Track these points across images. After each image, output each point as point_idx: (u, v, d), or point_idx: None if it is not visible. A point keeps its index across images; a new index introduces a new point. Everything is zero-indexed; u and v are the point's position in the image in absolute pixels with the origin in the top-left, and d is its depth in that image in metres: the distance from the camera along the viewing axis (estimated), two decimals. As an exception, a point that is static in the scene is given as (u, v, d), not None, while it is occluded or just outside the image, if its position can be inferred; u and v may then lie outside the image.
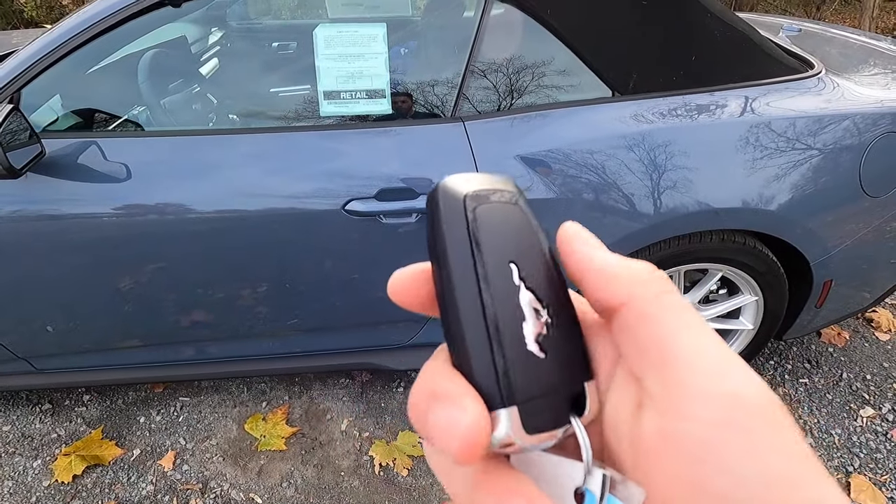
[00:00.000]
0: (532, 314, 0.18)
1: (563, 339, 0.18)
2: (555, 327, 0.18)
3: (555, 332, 0.18)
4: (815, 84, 1.34)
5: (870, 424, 1.62)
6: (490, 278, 0.18)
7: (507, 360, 0.17)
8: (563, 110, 1.27)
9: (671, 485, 0.16)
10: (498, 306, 0.17)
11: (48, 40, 1.19)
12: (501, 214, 0.19)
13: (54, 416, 1.69)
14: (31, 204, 1.20)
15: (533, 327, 0.18)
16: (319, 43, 1.22)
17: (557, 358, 0.18)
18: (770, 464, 0.14)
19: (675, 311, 0.17)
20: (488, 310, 0.17)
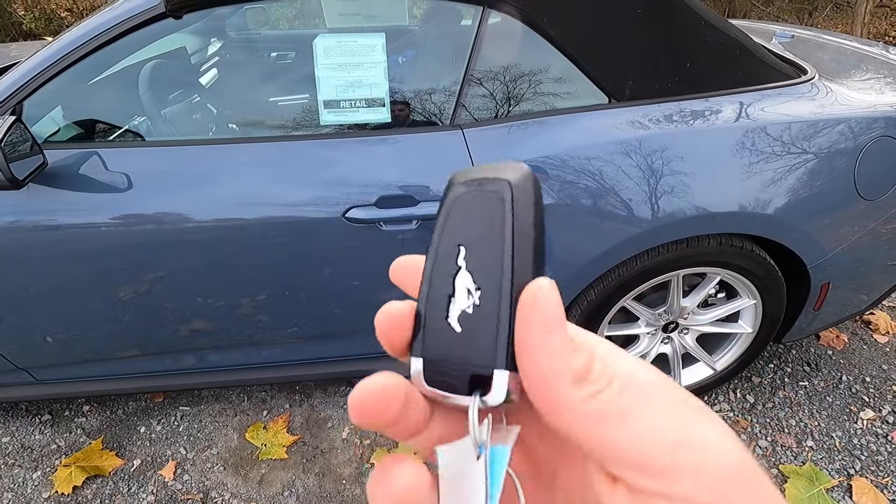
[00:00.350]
0: (464, 293, 0.20)
1: (483, 324, 0.19)
2: (480, 311, 0.19)
3: (477, 315, 0.19)
4: (809, 89, 1.36)
5: (870, 427, 1.63)
6: (439, 255, 0.20)
7: (427, 323, 0.20)
8: (560, 117, 1.28)
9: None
10: (437, 279, 0.20)
11: (50, 52, 1.20)
12: (474, 202, 0.20)
13: (54, 426, 1.68)
14: (32, 214, 1.20)
15: (459, 305, 0.19)
16: (319, 53, 1.23)
17: (470, 337, 0.19)
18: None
19: (611, 412, 0.17)
20: (431, 280, 0.20)
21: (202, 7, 1.21)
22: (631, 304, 1.50)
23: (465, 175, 0.21)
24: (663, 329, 1.59)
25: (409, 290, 0.22)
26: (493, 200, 0.20)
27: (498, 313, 0.19)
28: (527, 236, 0.20)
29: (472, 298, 0.19)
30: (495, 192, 0.20)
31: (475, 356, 0.19)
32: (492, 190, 0.20)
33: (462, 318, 0.19)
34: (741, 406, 1.71)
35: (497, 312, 0.19)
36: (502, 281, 0.19)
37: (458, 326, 0.19)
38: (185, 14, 1.20)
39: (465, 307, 0.19)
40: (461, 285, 0.20)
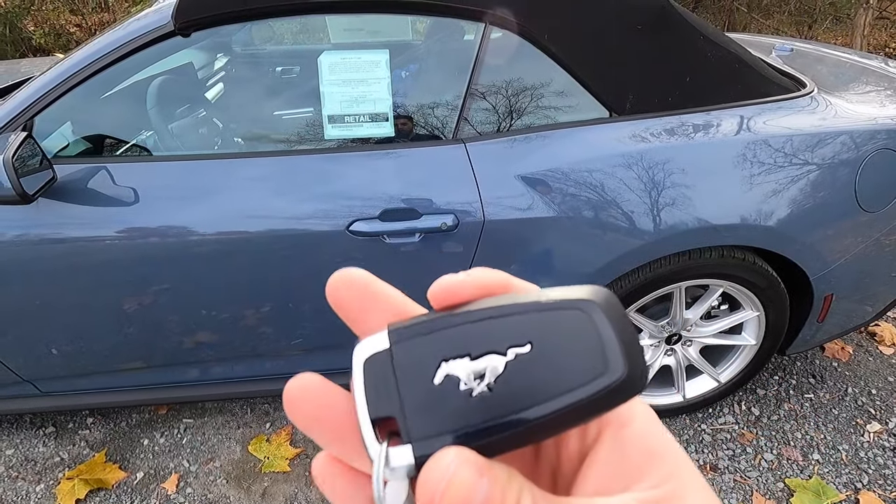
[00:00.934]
0: (480, 371, 0.17)
1: (466, 409, 0.17)
2: (476, 399, 0.17)
3: (470, 400, 0.17)
4: (809, 103, 1.37)
5: (877, 440, 1.61)
6: (492, 321, 0.18)
7: (416, 346, 0.18)
8: (562, 131, 1.30)
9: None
10: (468, 332, 0.18)
11: (62, 69, 1.22)
12: (584, 330, 0.17)
13: (58, 439, 1.68)
14: (39, 227, 1.22)
15: (464, 371, 0.17)
16: (324, 70, 1.25)
17: (441, 400, 0.17)
18: None
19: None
20: (460, 325, 0.18)
21: (210, 26, 1.23)
22: (634, 316, 1.50)
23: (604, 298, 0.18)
24: (667, 341, 1.59)
25: (349, 315, 0.20)
26: (599, 356, 0.17)
27: (486, 421, 0.16)
28: (575, 415, 0.17)
29: (480, 385, 0.17)
30: (614, 363, 0.16)
31: (429, 417, 0.17)
32: (612, 358, 0.16)
33: (448, 381, 0.17)
34: (746, 418, 1.70)
35: (487, 420, 0.16)
36: (522, 412, 0.16)
37: (438, 379, 0.17)
38: (193, 32, 1.22)
39: (464, 380, 0.17)
40: (487, 364, 0.17)
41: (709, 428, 1.67)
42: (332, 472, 0.19)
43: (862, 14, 4.38)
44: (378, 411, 0.17)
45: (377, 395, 0.17)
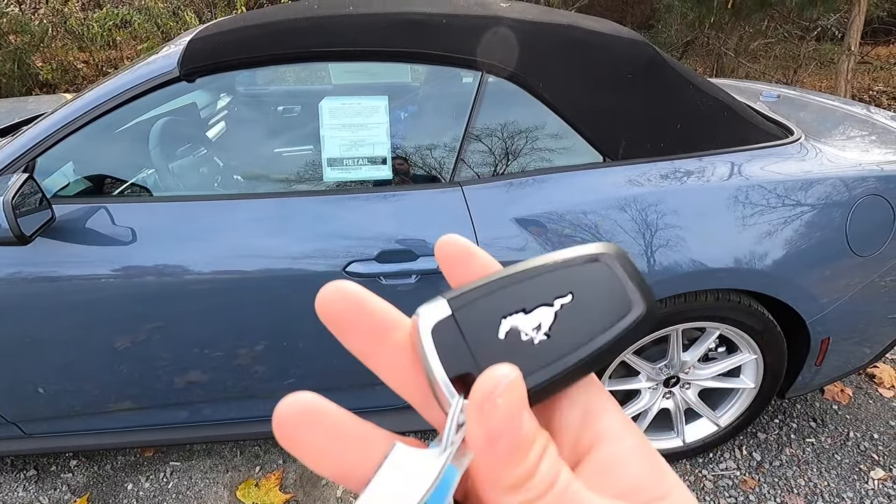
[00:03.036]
0: (535, 323, 0.20)
1: (530, 356, 0.19)
2: (534, 347, 0.19)
3: (530, 348, 0.19)
4: (798, 150, 1.41)
5: (882, 487, 1.58)
6: (543, 276, 0.21)
7: (478, 303, 0.20)
8: (557, 175, 1.32)
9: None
10: (524, 289, 0.20)
11: (67, 112, 1.25)
12: (617, 282, 0.21)
13: (39, 482, 1.62)
14: (33, 266, 1.21)
15: (521, 324, 0.19)
16: (324, 114, 1.28)
17: (509, 351, 0.19)
18: None
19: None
20: (516, 283, 0.20)
21: (215, 72, 1.27)
22: (631, 359, 1.49)
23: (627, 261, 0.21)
24: (664, 384, 1.57)
25: (340, 328, 0.20)
26: (626, 302, 0.20)
27: (552, 362, 0.19)
28: (614, 348, 0.20)
29: (539, 334, 0.19)
30: (635, 304, 0.20)
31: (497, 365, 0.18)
32: (636, 300, 0.20)
33: (511, 334, 0.19)
34: (748, 464, 1.66)
35: (552, 361, 0.19)
36: (578, 350, 0.19)
37: (502, 334, 0.19)
38: (198, 78, 1.26)
39: (525, 331, 0.19)
40: (540, 316, 0.19)
41: (710, 474, 1.63)
42: (301, 420, 0.17)
43: (845, 60, 4.55)
44: (454, 370, 0.19)
45: (450, 356, 0.19)
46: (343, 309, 0.19)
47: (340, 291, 0.20)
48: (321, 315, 0.20)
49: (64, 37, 5.82)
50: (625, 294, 0.20)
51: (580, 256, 0.21)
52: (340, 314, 0.19)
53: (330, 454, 0.17)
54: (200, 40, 1.28)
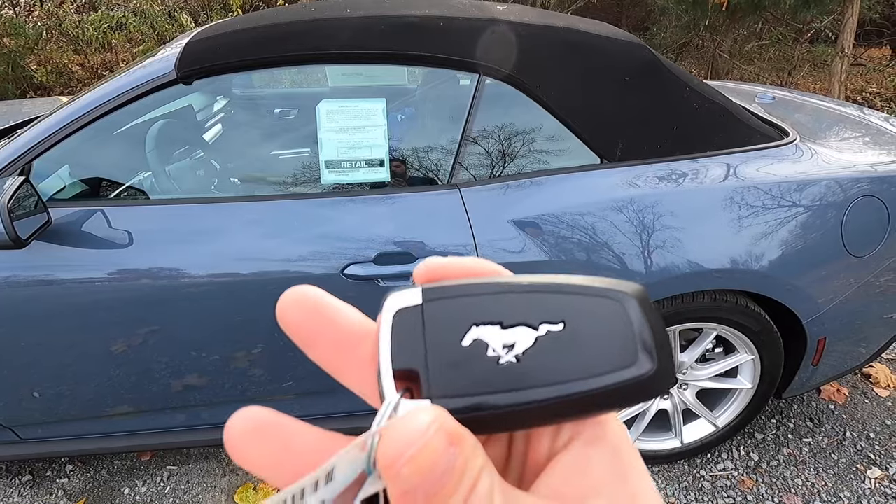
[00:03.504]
0: (510, 340, 0.17)
1: (490, 375, 0.17)
2: (502, 368, 0.17)
3: (497, 367, 0.17)
4: (793, 151, 1.42)
5: (878, 486, 1.58)
6: (527, 296, 0.18)
7: (450, 300, 0.18)
8: (555, 177, 1.32)
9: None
10: (502, 302, 0.18)
11: (63, 115, 1.24)
12: (617, 315, 0.17)
13: (34, 488, 1.61)
14: (28, 270, 1.21)
15: (494, 340, 0.17)
16: (322, 117, 1.28)
17: (465, 362, 0.17)
18: None
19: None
20: (494, 294, 0.18)
21: (212, 74, 1.27)
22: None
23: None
24: (662, 384, 1.57)
25: (300, 337, 0.18)
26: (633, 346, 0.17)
27: (510, 390, 0.16)
28: (599, 402, 0.17)
29: (508, 355, 0.17)
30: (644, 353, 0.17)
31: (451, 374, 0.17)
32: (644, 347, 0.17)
33: (477, 345, 0.17)
34: (745, 464, 1.67)
35: (510, 389, 0.16)
36: (547, 388, 0.16)
37: (466, 341, 0.17)
38: (195, 81, 1.25)
39: (493, 346, 0.17)
40: (517, 336, 0.17)
41: (707, 474, 1.64)
42: (251, 436, 0.16)
43: (838, 62, 4.59)
44: (401, 363, 0.17)
45: (403, 348, 0.17)
46: (303, 318, 0.18)
47: (299, 298, 0.18)
48: (282, 324, 0.18)
49: (59, 39, 5.79)
50: (632, 344, 0.16)
51: (593, 287, 0.17)
52: (300, 324, 0.18)
53: (283, 467, 0.17)
54: (197, 43, 1.27)
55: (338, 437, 0.17)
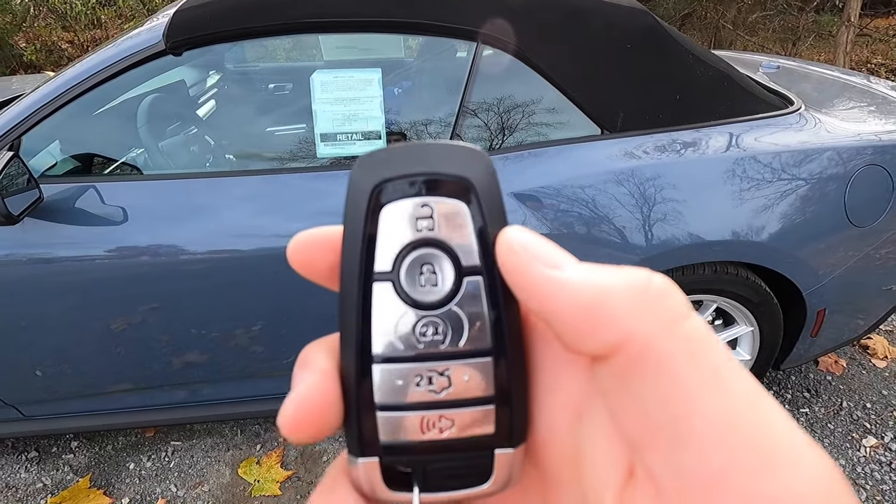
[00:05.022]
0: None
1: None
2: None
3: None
4: (797, 120, 1.39)
5: (873, 454, 1.61)
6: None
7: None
8: (554, 148, 1.30)
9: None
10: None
11: (51, 88, 1.21)
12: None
13: (40, 464, 1.63)
14: (24, 247, 1.19)
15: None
16: (316, 88, 1.25)
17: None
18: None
19: (697, 352, 0.12)
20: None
21: (202, 45, 1.23)
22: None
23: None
24: (662, 357, 1.58)
25: (312, 277, 0.17)
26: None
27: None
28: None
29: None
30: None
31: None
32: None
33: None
34: (743, 434, 1.69)
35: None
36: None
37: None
38: (185, 52, 1.22)
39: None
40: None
41: (705, 444, 1.66)
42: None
43: (844, 31, 4.49)
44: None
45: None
46: (315, 256, 0.17)
47: (304, 239, 0.17)
48: (298, 266, 0.17)
49: (47, 16, 5.66)
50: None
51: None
52: (314, 262, 0.17)
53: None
54: (186, 11, 1.23)
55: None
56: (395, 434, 0.15)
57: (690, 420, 0.12)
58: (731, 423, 0.11)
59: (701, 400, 0.12)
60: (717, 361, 0.12)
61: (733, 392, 0.12)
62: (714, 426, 0.11)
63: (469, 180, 0.15)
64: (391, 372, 0.15)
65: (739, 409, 0.12)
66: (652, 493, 0.12)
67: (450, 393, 0.15)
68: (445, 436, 0.15)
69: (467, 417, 0.15)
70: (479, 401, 0.15)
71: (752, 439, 0.11)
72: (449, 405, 0.15)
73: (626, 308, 0.13)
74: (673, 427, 0.12)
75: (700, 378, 0.12)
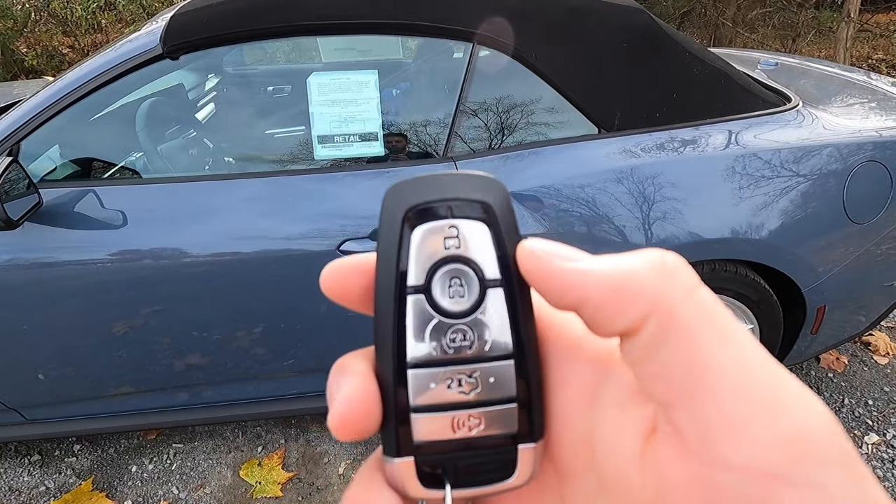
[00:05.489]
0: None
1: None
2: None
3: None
4: (795, 117, 1.39)
5: (876, 451, 1.60)
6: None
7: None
8: (553, 147, 1.30)
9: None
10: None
11: (49, 93, 1.22)
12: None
13: (43, 467, 1.64)
14: (24, 252, 1.20)
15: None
16: (313, 90, 1.26)
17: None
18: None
19: (709, 315, 0.14)
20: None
21: (199, 49, 1.24)
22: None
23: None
24: (662, 355, 1.58)
25: (346, 303, 0.18)
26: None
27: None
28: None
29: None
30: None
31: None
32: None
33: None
34: (744, 432, 1.68)
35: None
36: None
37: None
38: (182, 56, 1.22)
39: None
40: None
41: (707, 443, 1.66)
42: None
43: (844, 27, 4.48)
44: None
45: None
46: (348, 283, 0.18)
47: (334, 269, 0.18)
48: (334, 296, 0.19)
49: (47, 21, 5.68)
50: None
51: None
52: (347, 289, 0.18)
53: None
54: (183, 15, 1.24)
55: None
56: (428, 434, 0.17)
57: (709, 373, 0.13)
58: (745, 372, 0.13)
59: (717, 354, 0.13)
60: (726, 321, 0.14)
61: (743, 346, 0.13)
62: (730, 376, 0.13)
63: (489, 204, 0.18)
64: (425, 376, 0.17)
65: (751, 360, 0.13)
66: (675, 442, 0.14)
67: (478, 393, 0.17)
68: (474, 433, 0.17)
69: (494, 415, 0.17)
70: (504, 400, 0.17)
71: (764, 386, 0.13)
72: (477, 405, 0.17)
73: (650, 283, 0.14)
74: (694, 383, 0.13)
75: (714, 336, 0.13)
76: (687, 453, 0.13)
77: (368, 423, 0.16)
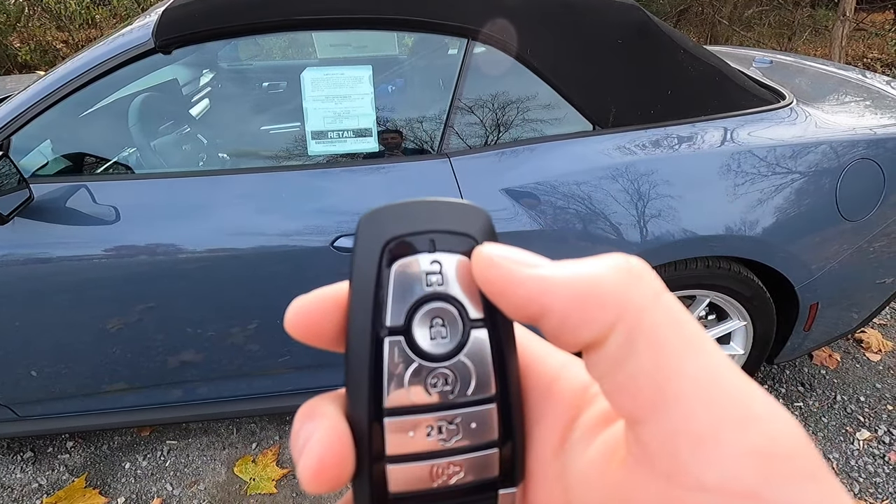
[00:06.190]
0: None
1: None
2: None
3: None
4: (788, 114, 1.39)
5: (867, 447, 1.61)
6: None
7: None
8: (548, 144, 1.30)
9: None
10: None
11: (40, 87, 1.21)
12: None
13: (36, 464, 1.63)
14: (16, 248, 1.19)
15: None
16: (307, 85, 1.25)
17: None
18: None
19: (677, 323, 0.13)
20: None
21: (192, 43, 1.23)
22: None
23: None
24: (656, 352, 1.58)
25: (323, 336, 0.17)
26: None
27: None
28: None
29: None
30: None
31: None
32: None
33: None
34: (737, 429, 1.69)
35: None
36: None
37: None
38: (174, 50, 1.22)
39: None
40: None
41: (700, 439, 1.66)
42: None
43: (839, 26, 4.49)
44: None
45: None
46: (314, 322, 0.17)
47: (299, 308, 0.17)
48: (301, 339, 0.17)
49: (41, 16, 5.63)
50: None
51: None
52: (313, 329, 0.17)
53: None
54: (175, 9, 1.23)
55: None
56: (405, 485, 0.16)
57: (677, 382, 0.12)
58: (714, 381, 0.12)
59: (685, 364, 0.13)
60: (693, 329, 0.13)
61: (712, 355, 0.13)
62: (699, 385, 0.12)
63: (473, 237, 0.17)
64: (403, 424, 0.16)
65: (720, 369, 0.12)
66: (643, 462, 0.13)
67: (459, 440, 0.16)
68: (453, 482, 0.16)
69: (474, 462, 0.16)
70: (486, 445, 0.16)
71: (733, 397, 0.12)
72: (458, 452, 0.16)
73: (617, 289, 0.14)
74: (661, 394, 0.12)
75: (682, 343, 0.13)
76: (654, 474, 0.13)
77: (341, 471, 0.15)
